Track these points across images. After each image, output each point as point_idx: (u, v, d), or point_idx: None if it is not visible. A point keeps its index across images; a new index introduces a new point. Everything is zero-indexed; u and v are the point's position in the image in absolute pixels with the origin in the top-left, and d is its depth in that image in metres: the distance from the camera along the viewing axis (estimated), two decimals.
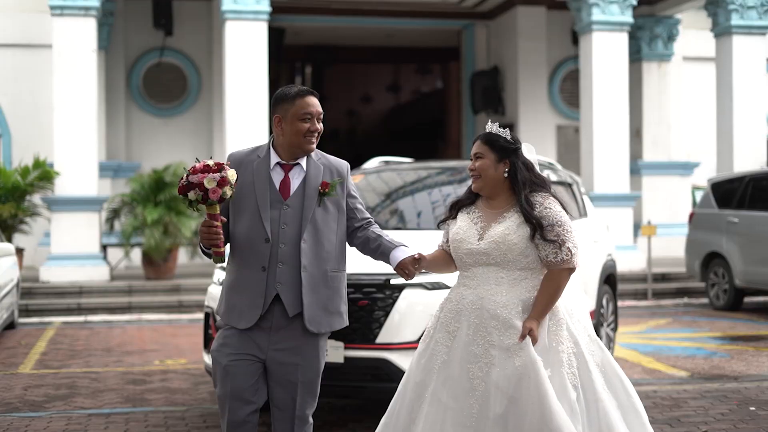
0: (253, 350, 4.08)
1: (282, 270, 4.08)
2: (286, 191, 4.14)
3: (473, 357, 4.05)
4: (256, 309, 4.07)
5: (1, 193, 14.28)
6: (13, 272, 11.46)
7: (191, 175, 3.89)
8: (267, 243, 4.07)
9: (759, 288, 12.58)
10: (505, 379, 3.95)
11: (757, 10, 16.08)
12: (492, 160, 4.23)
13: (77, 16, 14.37)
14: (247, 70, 14.69)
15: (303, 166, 4.18)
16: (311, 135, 4.14)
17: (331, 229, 4.18)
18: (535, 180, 4.25)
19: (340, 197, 4.22)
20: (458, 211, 4.37)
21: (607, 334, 8.75)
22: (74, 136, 14.34)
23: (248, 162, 4.17)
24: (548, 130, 19.41)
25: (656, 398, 7.23)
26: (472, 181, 4.32)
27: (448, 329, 4.17)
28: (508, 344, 4.00)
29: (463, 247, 4.21)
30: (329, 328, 4.19)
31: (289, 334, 4.10)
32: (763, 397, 7.22)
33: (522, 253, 4.12)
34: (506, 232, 4.12)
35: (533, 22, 19.00)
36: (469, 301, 4.14)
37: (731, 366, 8.66)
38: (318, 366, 4.21)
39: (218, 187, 3.87)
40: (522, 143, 4.33)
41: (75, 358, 9.41)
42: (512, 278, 4.14)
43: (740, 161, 15.93)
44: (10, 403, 7.27)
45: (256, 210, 4.10)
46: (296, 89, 4.17)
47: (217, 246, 3.98)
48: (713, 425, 6.32)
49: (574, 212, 8.48)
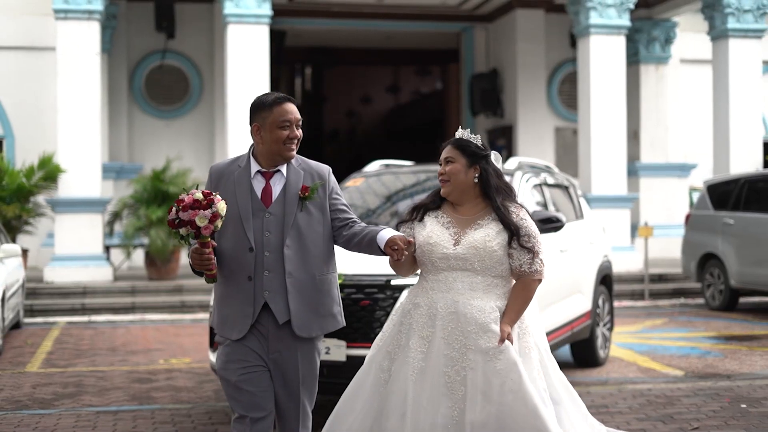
0: (256, 359, 4.10)
1: (269, 278, 4.07)
2: (268, 199, 4.14)
3: (449, 360, 4.05)
4: (246, 318, 4.07)
5: (5, 194, 14.46)
6: (19, 273, 11.64)
7: (181, 212, 3.86)
8: (251, 252, 4.07)
9: (754, 288, 12.76)
10: (488, 383, 3.97)
11: (753, 13, 16.26)
12: (463, 165, 4.23)
13: (81, 19, 14.55)
14: (249, 72, 14.86)
15: (283, 172, 4.17)
16: (291, 142, 4.12)
17: (317, 233, 4.17)
18: (505, 188, 4.28)
19: (323, 200, 4.20)
20: (423, 214, 4.34)
21: (603, 333, 8.93)
22: (78, 137, 14.52)
23: (229, 173, 4.17)
24: (547, 132, 19.58)
25: (650, 396, 7.40)
26: (441, 185, 4.30)
27: (422, 334, 4.14)
28: (487, 348, 4.02)
29: (437, 251, 4.18)
30: (320, 331, 4.19)
31: (283, 340, 4.11)
32: (754, 395, 7.39)
33: (499, 261, 4.15)
34: (486, 238, 4.14)
35: (532, 25, 19.18)
36: (443, 305, 4.13)
37: (724, 365, 8.84)
38: (315, 367, 4.23)
39: (210, 224, 3.86)
40: (491, 151, 4.34)
41: (81, 358, 9.58)
42: (486, 284, 4.15)
43: (737, 163, 16.10)
44: (20, 401, 7.44)
45: (239, 220, 4.09)
46: (273, 97, 4.16)
47: (209, 269, 3.99)
48: (705, 422, 6.50)
49: (571, 214, 8.66)
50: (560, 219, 7.19)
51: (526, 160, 8.50)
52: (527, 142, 19.28)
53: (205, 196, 3.87)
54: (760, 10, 16.24)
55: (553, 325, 7.57)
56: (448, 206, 4.31)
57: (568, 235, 8.01)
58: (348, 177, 8.71)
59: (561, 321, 7.73)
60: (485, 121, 20.48)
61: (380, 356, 4.24)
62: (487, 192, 4.23)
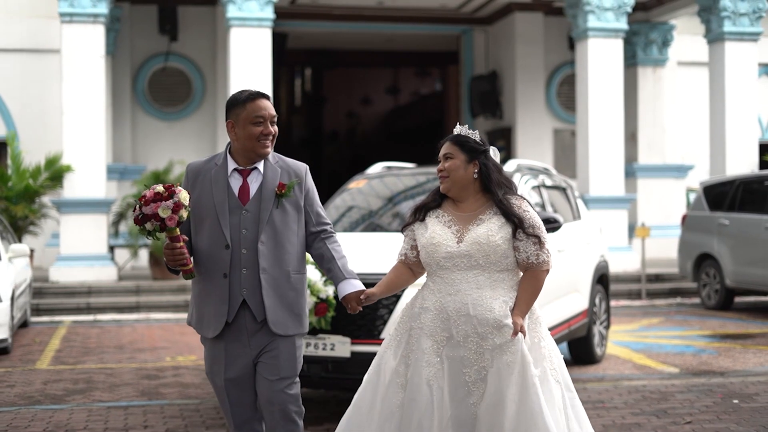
0: (239, 358, 4.11)
1: (246, 275, 4.07)
2: (245, 196, 4.12)
3: (467, 361, 4.05)
4: (221, 317, 4.08)
5: (12, 194, 14.67)
6: (27, 272, 11.85)
7: (144, 207, 3.87)
8: (227, 249, 4.06)
9: (748, 288, 12.98)
10: (500, 378, 4.00)
11: (749, 17, 16.47)
12: (462, 161, 4.22)
13: (86, 23, 14.75)
14: (252, 75, 15.06)
15: (261, 170, 4.16)
16: (265, 138, 4.11)
17: (292, 231, 4.16)
18: (506, 182, 4.27)
19: (298, 198, 4.19)
20: (425, 215, 4.32)
21: (599, 331, 9.15)
22: (83, 139, 14.72)
23: (206, 171, 4.17)
24: (545, 133, 19.79)
25: (645, 392, 7.61)
26: (440, 182, 4.30)
27: (436, 339, 4.13)
28: (501, 343, 4.03)
29: (441, 251, 4.16)
30: (296, 330, 4.17)
31: (263, 337, 4.11)
32: (746, 391, 7.60)
33: (504, 255, 4.13)
34: (489, 233, 4.11)
35: (531, 27, 19.39)
36: (454, 308, 4.11)
37: (718, 362, 9.05)
38: (296, 365, 4.20)
39: (174, 214, 3.85)
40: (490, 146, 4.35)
41: (89, 355, 9.79)
42: (492, 280, 4.14)
43: (733, 164, 16.31)
44: (32, 397, 7.65)
45: (215, 218, 4.09)
46: (247, 93, 4.16)
47: (184, 265, 3.98)
48: (697, 416, 6.71)
49: (568, 215, 8.87)
50: (558, 220, 7.41)
51: (524, 162, 8.71)
52: (526, 144, 19.49)
53: (166, 188, 3.88)
54: (755, 13, 16.45)
55: (551, 322, 7.76)
56: (448, 204, 4.30)
57: (566, 236, 8.22)
58: (350, 179, 8.92)
59: (558, 319, 7.94)
60: (485, 123, 20.69)
61: (394, 361, 4.19)
62: (487, 187, 4.21)
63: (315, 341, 6.41)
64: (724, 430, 6.32)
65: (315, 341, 6.41)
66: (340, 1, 18.56)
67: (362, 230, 7.86)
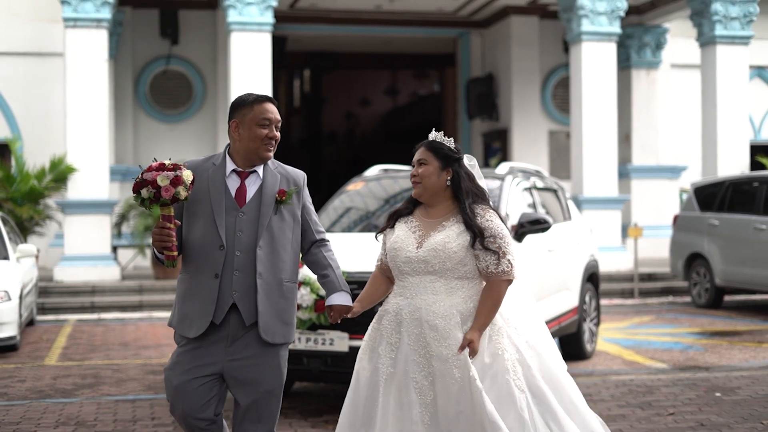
0: (206, 366, 4.04)
1: (238, 278, 4.03)
2: (242, 198, 4.10)
3: (416, 366, 4.07)
4: (206, 317, 4.01)
5: (17, 195, 14.97)
6: (33, 272, 12.14)
7: (146, 173, 3.87)
8: (221, 250, 4.03)
9: (737, 287, 13.30)
10: (447, 390, 4.01)
11: (740, 21, 16.79)
12: (436, 168, 4.24)
13: (89, 27, 15.05)
14: (252, 78, 15.35)
15: (260, 173, 4.15)
16: (269, 141, 4.10)
17: (287, 238, 4.15)
18: (476, 191, 4.29)
19: (295, 207, 4.19)
20: (396, 221, 4.36)
21: (590, 328, 9.46)
22: (86, 141, 15.02)
23: (203, 170, 4.13)
24: (541, 135, 20.09)
25: (632, 386, 7.92)
26: (413, 187, 4.32)
27: (390, 341, 4.16)
28: (447, 355, 4.03)
29: (401, 256, 4.19)
30: (284, 339, 4.13)
31: (247, 344, 4.06)
32: (729, 384, 7.91)
33: (460, 262, 4.13)
34: (446, 240, 4.14)
35: (526, 31, 19.70)
36: (407, 311, 4.14)
37: (704, 358, 9.36)
38: (280, 377, 4.16)
39: (171, 186, 3.82)
40: (464, 154, 4.35)
41: (95, 352, 10.09)
42: (449, 287, 4.14)
43: (724, 165, 16.63)
44: (42, 391, 7.95)
45: (210, 216, 4.06)
46: (255, 96, 4.15)
47: (169, 249, 3.92)
48: (680, 408, 7.02)
49: (559, 216, 9.19)
50: (547, 220, 7.72)
51: (516, 165, 9.01)
52: (522, 145, 19.79)
53: (173, 164, 3.90)
54: (746, 17, 16.78)
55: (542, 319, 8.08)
56: (420, 210, 4.33)
57: (556, 236, 8.54)
58: (349, 181, 9.22)
59: (549, 316, 8.24)
60: (481, 125, 21.00)
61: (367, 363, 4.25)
62: (457, 195, 4.24)
63: (315, 336, 6.72)
64: (704, 420, 6.63)
65: (315, 336, 6.72)
66: (338, 4, 18.86)
67: (360, 231, 8.16)
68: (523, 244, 7.80)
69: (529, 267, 7.89)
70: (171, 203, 3.87)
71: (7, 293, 9.94)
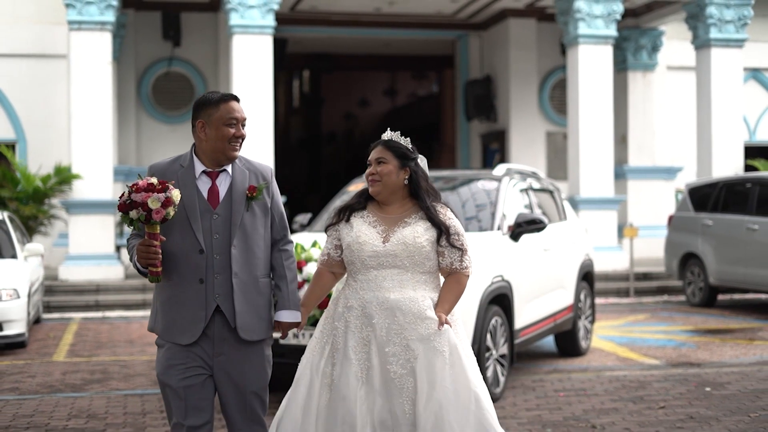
0: (200, 364, 4.05)
1: (219, 281, 4.03)
2: (215, 200, 4.08)
3: (392, 357, 4.10)
4: (198, 323, 4.01)
5: (22, 195, 15.21)
6: (39, 271, 12.37)
7: (134, 194, 3.82)
8: (202, 254, 4.02)
9: (731, 286, 13.54)
10: (431, 367, 4.05)
11: (735, 24, 17.04)
12: (395, 166, 4.30)
13: (93, 30, 15.27)
14: (253, 81, 15.58)
15: (229, 172, 4.13)
16: (236, 141, 4.08)
17: (260, 234, 4.15)
18: (432, 190, 4.39)
19: (266, 201, 4.19)
20: (350, 215, 4.38)
21: (584, 326, 9.70)
22: (90, 143, 15.25)
23: (171, 172, 4.09)
24: (538, 136, 20.33)
25: (625, 381, 8.17)
26: (369, 185, 4.34)
27: (361, 336, 4.17)
28: (427, 333, 4.10)
29: (367, 250, 4.22)
30: (263, 335, 4.13)
31: (232, 344, 4.07)
32: (719, 380, 8.16)
33: (427, 257, 4.23)
34: (415, 234, 4.21)
35: (524, 33, 19.93)
36: (376, 303, 4.18)
37: (696, 355, 9.60)
38: (265, 375, 4.17)
39: (162, 208, 3.80)
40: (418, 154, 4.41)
41: (102, 349, 10.33)
42: (414, 281, 4.22)
43: (719, 166, 16.88)
44: (53, 386, 8.19)
45: (186, 222, 4.02)
46: (220, 94, 4.12)
47: (155, 266, 3.90)
48: (671, 402, 7.26)
49: (555, 216, 9.43)
50: (543, 221, 7.97)
51: (513, 167, 9.25)
52: (519, 146, 20.03)
53: (160, 182, 3.86)
54: (741, 20, 17.03)
55: (538, 316, 8.35)
56: (373, 206, 4.37)
57: (552, 235, 8.78)
58: (350, 182, 9.46)
59: (545, 313, 8.50)
60: (479, 126, 21.24)
61: (321, 362, 4.22)
62: (416, 193, 4.32)
63: None
64: (694, 413, 6.87)
65: None
66: (339, 7, 19.10)
67: None
68: (519, 243, 8.04)
69: (526, 266, 8.14)
70: (161, 223, 3.87)
71: (16, 291, 10.18)
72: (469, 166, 21.12)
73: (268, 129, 15.64)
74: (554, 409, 7.12)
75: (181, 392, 4.01)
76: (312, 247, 7.26)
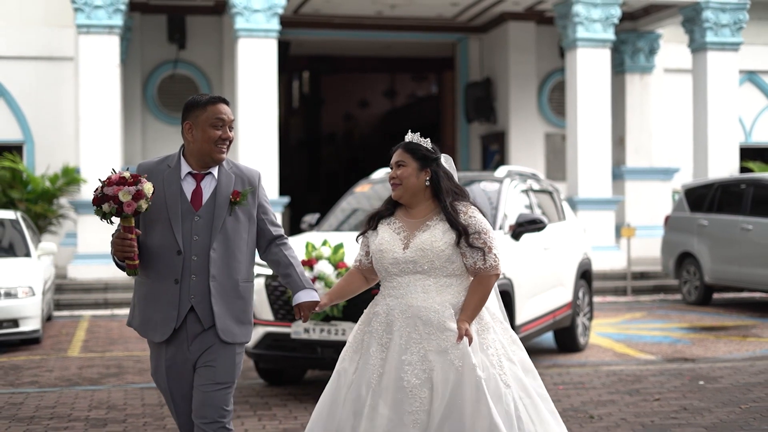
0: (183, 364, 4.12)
1: (195, 282, 4.05)
2: (198, 201, 4.10)
3: (408, 366, 4.07)
4: (170, 322, 4.05)
5: (31, 196, 15.53)
6: (51, 270, 12.69)
7: (106, 187, 3.85)
8: (179, 255, 4.04)
9: (725, 285, 13.86)
10: (446, 380, 4.01)
11: (730, 28, 17.37)
12: (414, 169, 4.27)
13: (102, 33, 15.58)
14: (258, 83, 15.89)
15: (215, 175, 4.14)
16: (222, 143, 4.10)
17: (242, 239, 4.15)
18: (456, 189, 4.34)
19: (251, 207, 4.18)
20: (378, 223, 4.38)
21: (583, 322, 10.02)
22: (99, 144, 15.57)
23: (158, 172, 4.11)
24: (537, 137, 20.63)
25: (621, 375, 8.49)
26: (392, 189, 4.35)
27: (380, 342, 4.17)
28: (445, 346, 4.06)
29: (387, 257, 4.21)
30: (243, 338, 4.16)
31: (204, 342, 4.10)
32: (712, 374, 8.48)
33: (448, 260, 4.18)
34: (432, 239, 4.18)
35: (523, 36, 20.25)
36: (399, 311, 4.16)
37: (691, 350, 9.93)
38: (232, 374, 4.15)
39: (133, 201, 3.82)
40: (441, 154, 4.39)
41: (114, 344, 10.65)
42: (439, 285, 4.18)
43: (714, 168, 17.22)
44: (71, 379, 8.51)
45: (167, 221, 4.05)
46: (208, 96, 4.14)
47: (131, 259, 3.94)
48: (665, 395, 7.58)
49: (554, 216, 9.75)
50: (543, 221, 8.29)
51: (514, 169, 9.58)
52: (519, 147, 20.34)
53: (133, 176, 3.89)
54: (736, 24, 17.36)
55: (537, 313, 8.66)
56: (401, 211, 4.36)
57: (551, 235, 9.10)
58: (356, 183, 9.77)
59: (544, 310, 8.82)
60: (479, 127, 21.54)
61: (351, 367, 4.25)
62: (437, 194, 4.29)
63: (328, 327, 7.27)
64: (687, 405, 7.19)
65: (328, 327, 7.27)
66: (341, 10, 19.39)
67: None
68: (520, 242, 8.36)
69: (526, 264, 8.46)
70: (133, 216, 3.89)
71: (32, 289, 10.49)
72: (469, 167, 21.44)
73: (272, 131, 15.95)
74: (554, 400, 7.31)
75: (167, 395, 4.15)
76: (322, 245, 7.54)
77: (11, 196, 15.40)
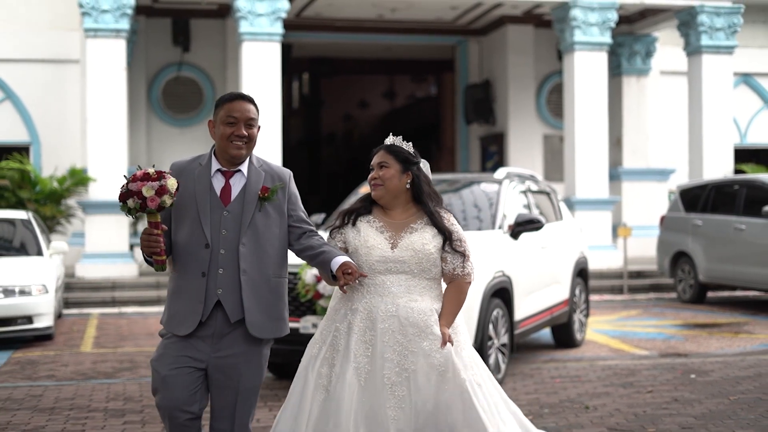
0: (193, 359, 4.10)
1: (222, 275, 4.08)
2: (227, 197, 4.15)
3: (389, 363, 4.12)
4: (195, 315, 4.07)
5: (40, 197, 15.86)
6: (61, 268, 13.01)
7: (131, 183, 3.91)
8: (207, 248, 4.08)
9: (720, 283, 14.19)
10: (428, 381, 4.09)
11: (725, 31, 17.70)
12: (397, 170, 4.33)
13: (109, 37, 15.89)
14: (262, 86, 16.18)
15: (244, 172, 4.19)
16: (237, 139, 4.12)
17: (273, 234, 4.18)
18: (435, 195, 4.42)
19: (281, 203, 4.21)
20: (356, 219, 4.39)
21: (579, 319, 10.35)
22: (106, 145, 15.88)
23: (190, 170, 4.18)
24: (536, 139, 20.95)
25: (616, 369, 8.82)
26: (371, 189, 4.38)
27: (364, 338, 4.18)
28: (429, 349, 4.13)
29: (375, 254, 4.24)
30: (272, 334, 4.18)
31: (231, 341, 4.11)
32: (704, 368, 8.80)
33: (434, 263, 4.28)
34: (423, 241, 4.25)
35: (522, 39, 20.58)
36: (383, 309, 4.19)
37: (684, 346, 10.26)
38: (260, 375, 4.20)
39: (157, 196, 3.87)
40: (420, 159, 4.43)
41: (125, 341, 10.97)
42: (422, 287, 4.27)
43: (709, 169, 17.55)
44: (86, 373, 8.83)
45: (196, 216, 4.10)
46: (230, 94, 4.22)
47: (158, 254, 3.97)
48: (658, 387, 7.91)
49: (551, 216, 10.08)
50: (541, 220, 8.62)
51: (513, 170, 9.90)
52: (517, 149, 20.66)
53: (157, 172, 3.94)
54: (731, 28, 17.70)
55: (536, 309, 9.00)
56: (378, 211, 4.39)
57: (549, 234, 9.43)
58: (360, 184, 10.09)
59: (542, 306, 9.15)
60: (478, 129, 21.86)
61: (317, 363, 4.24)
62: (419, 197, 4.36)
63: None
64: (678, 396, 7.52)
65: None
66: (342, 14, 19.69)
67: None
68: (518, 241, 8.68)
69: (525, 262, 8.79)
70: (157, 211, 3.95)
71: (45, 287, 10.81)
72: (468, 168, 21.76)
73: (276, 133, 16.26)
74: (551, 393, 7.76)
75: (169, 380, 4.07)
76: None
77: (20, 196, 15.74)
